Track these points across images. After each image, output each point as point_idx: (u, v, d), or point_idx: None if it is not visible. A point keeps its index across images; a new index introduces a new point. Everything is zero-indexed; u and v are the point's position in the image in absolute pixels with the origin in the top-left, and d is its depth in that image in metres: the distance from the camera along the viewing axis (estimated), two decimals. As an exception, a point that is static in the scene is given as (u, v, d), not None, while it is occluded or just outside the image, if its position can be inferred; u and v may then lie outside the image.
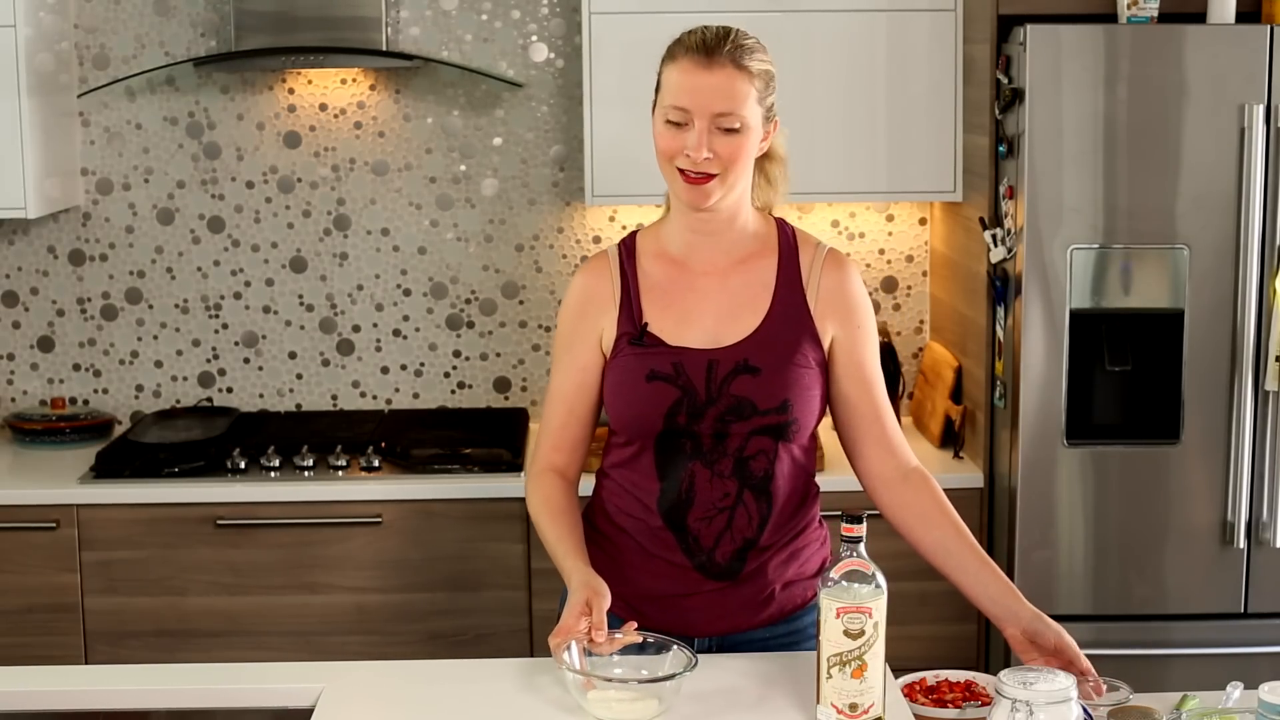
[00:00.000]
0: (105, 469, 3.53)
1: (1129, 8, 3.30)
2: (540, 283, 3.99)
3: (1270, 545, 3.33)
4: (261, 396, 4.02)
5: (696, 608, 2.31)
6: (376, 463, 3.54)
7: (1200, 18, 3.32)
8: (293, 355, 4.01)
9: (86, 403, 4.00)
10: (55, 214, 3.92)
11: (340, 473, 3.53)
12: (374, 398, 4.03)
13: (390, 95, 3.91)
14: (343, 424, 3.85)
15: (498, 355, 4.02)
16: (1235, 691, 2.16)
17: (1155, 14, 3.30)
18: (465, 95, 3.92)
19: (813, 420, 2.30)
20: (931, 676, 2.23)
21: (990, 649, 3.51)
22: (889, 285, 4.01)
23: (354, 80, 3.90)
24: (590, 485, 2.43)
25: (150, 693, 2.23)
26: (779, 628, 2.34)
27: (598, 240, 3.95)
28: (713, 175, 2.21)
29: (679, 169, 2.21)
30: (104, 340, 3.99)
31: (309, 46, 3.69)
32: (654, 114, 2.25)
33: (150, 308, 3.98)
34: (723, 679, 2.17)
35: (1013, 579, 2.30)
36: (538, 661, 2.26)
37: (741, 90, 2.19)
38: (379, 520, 3.47)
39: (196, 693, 2.22)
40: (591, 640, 2.09)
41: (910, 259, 4.01)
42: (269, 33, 3.72)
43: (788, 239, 2.34)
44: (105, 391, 4.00)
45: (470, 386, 4.03)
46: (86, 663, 3.43)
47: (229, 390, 4.02)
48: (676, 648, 2.14)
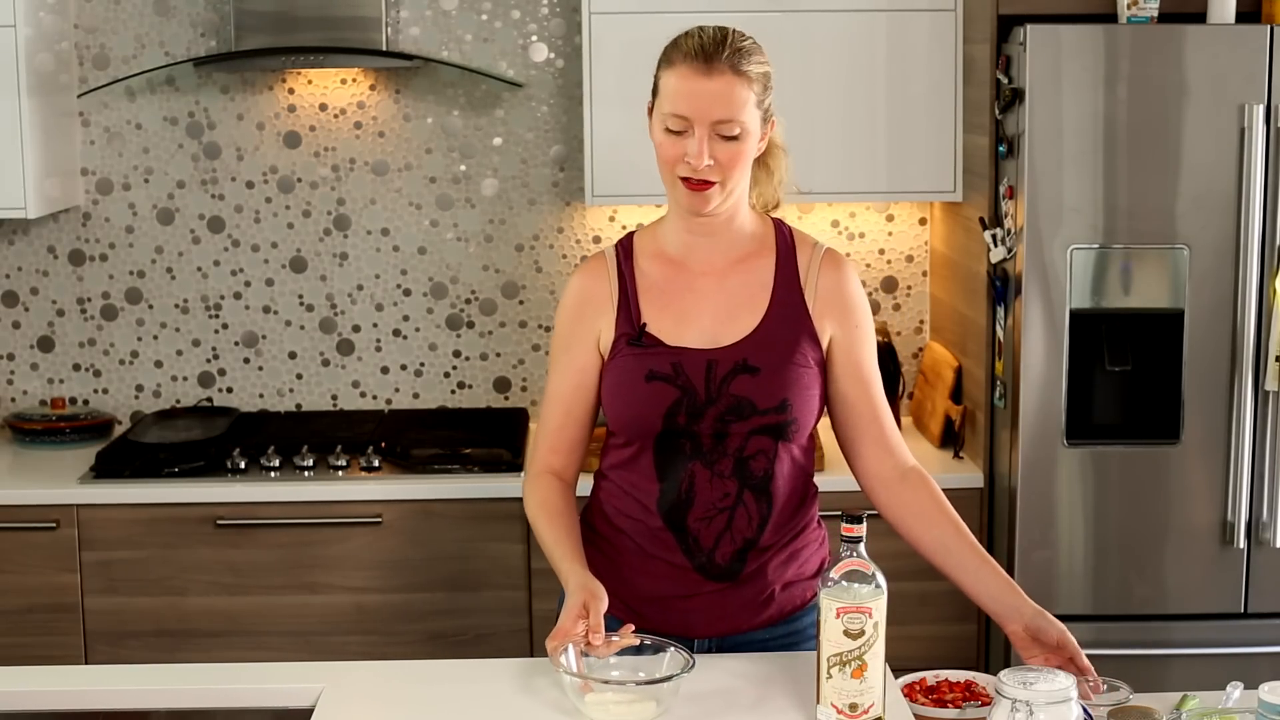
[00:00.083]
0: (105, 469, 3.53)
1: (1129, 8, 3.30)
2: (540, 283, 3.99)
3: (1270, 545, 3.33)
4: (261, 396, 4.02)
5: (696, 609, 2.30)
6: (376, 463, 3.54)
7: (1200, 18, 3.32)
8: (293, 355, 4.01)
9: (86, 403, 4.00)
10: (55, 214, 3.92)
11: (340, 473, 3.53)
12: (374, 398, 4.03)
13: (390, 95, 3.91)
14: (343, 424, 3.85)
15: (498, 355, 4.02)
16: (1235, 691, 2.16)
17: (1155, 14, 3.29)
18: (465, 95, 3.92)
19: (812, 420, 2.30)
20: (931, 676, 2.23)
21: (990, 649, 3.51)
22: (889, 285, 4.01)
23: (354, 80, 3.90)
24: (588, 487, 2.43)
25: (150, 693, 2.23)
26: (779, 628, 2.33)
27: (597, 240, 3.95)
28: (713, 182, 2.21)
29: (680, 176, 2.21)
30: (104, 340, 3.99)
31: (309, 46, 3.69)
32: (650, 116, 2.25)
33: (150, 308, 3.98)
34: (721, 680, 2.17)
35: (1013, 579, 2.29)
36: (537, 662, 2.25)
37: (741, 96, 2.18)
38: (379, 520, 3.47)
39: (196, 693, 2.22)
40: (589, 643, 2.09)
41: (910, 259, 4.00)
42: (269, 33, 3.72)
43: (785, 239, 2.34)
44: (105, 391, 4.00)
45: (470, 386, 4.03)
46: (86, 663, 3.43)
47: (229, 390, 4.02)
48: (674, 649, 2.13)
